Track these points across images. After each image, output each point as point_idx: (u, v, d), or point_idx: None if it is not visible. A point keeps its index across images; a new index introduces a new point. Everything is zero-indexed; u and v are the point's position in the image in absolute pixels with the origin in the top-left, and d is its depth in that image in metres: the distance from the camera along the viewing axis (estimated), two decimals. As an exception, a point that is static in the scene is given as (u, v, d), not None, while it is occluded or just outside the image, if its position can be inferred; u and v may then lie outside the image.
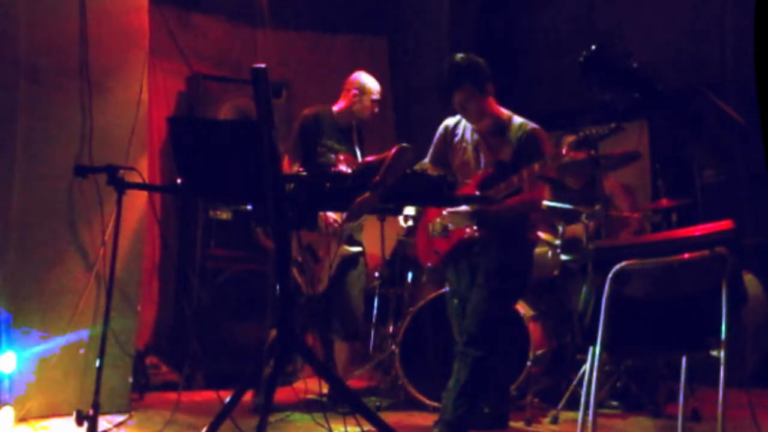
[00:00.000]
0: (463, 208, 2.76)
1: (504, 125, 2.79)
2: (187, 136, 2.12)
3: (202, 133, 2.16)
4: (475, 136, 2.83)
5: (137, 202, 3.23)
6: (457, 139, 2.87)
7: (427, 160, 2.95)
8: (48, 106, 3.07)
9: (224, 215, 4.23)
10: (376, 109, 3.47)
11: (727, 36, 4.28)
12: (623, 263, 2.01)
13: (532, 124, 2.78)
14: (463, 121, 2.88)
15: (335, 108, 3.48)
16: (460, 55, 2.78)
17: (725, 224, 2.02)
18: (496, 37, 5.09)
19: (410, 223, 3.11)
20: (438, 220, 2.83)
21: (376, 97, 3.44)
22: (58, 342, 2.98)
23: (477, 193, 2.73)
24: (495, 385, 2.90)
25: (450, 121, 2.93)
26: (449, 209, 2.81)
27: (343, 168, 3.24)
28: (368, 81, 3.45)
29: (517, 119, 2.80)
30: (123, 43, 3.30)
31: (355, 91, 3.42)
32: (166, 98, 4.51)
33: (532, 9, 5.30)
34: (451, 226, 2.81)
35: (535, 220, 2.93)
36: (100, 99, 3.17)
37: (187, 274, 4.27)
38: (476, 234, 2.74)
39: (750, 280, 3.50)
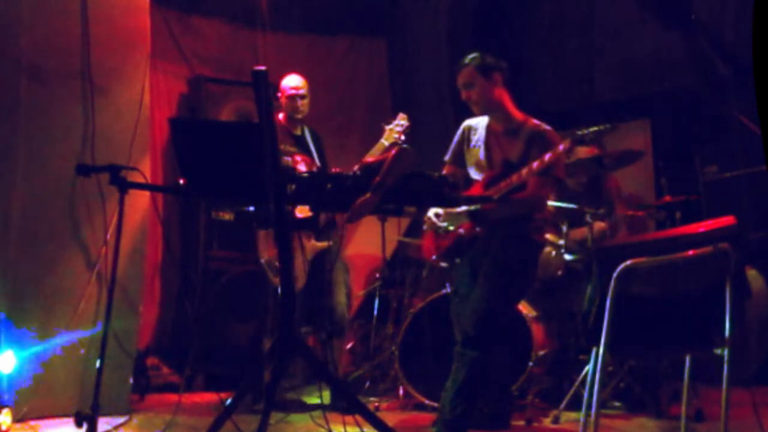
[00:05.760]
0: (462, 207, 2.75)
1: (518, 125, 2.79)
2: (188, 137, 2.12)
3: (204, 135, 2.16)
4: (489, 136, 2.83)
5: (139, 202, 3.23)
6: (474, 138, 2.88)
7: (446, 158, 2.95)
8: (50, 106, 3.07)
9: (226, 216, 4.23)
10: (299, 103, 3.49)
11: (726, 33, 4.28)
12: (628, 262, 2.00)
13: (546, 126, 2.78)
14: (482, 122, 2.88)
15: (280, 116, 3.55)
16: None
17: (727, 220, 2.01)
18: (495, 38, 5.09)
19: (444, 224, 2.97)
20: (436, 220, 2.83)
21: (291, 92, 3.48)
22: (58, 342, 2.97)
23: (484, 192, 2.72)
24: (496, 385, 2.89)
25: (470, 122, 2.93)
26: (447, 209, 2.80)
27: (302, 167, 3.30)
28: (284, 82, 3.52)
29: (532, 121, 2.80)
30: (124, 45, 3.31)
31: (279, 95, 3.51)
32: (167, 100, 4.52)
33: (531, 9, 5.30)
34: (448, 226, 2.80)
35: (541, 221, 2.88)
36: (102, 99, 3.18)
37: (189, 275, 4.27)
38: (476, 231, 2.73)
39: (753, 275, 3.48)
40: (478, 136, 2.86)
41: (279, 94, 3.50)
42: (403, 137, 3.31)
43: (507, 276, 2.70)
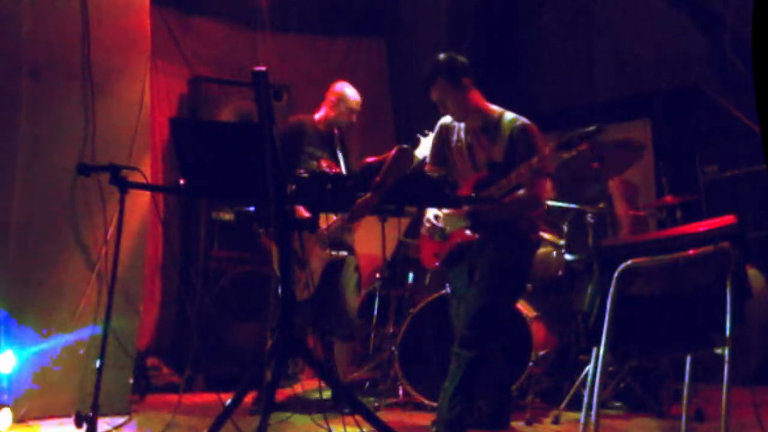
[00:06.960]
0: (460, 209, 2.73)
1: (495, 122, 2.75)
2: (188, 137, 2.12)
3: (204, 135, 2.16)
4: (468, 136, 2.80)
5: (140, 202, 3.23)
6: (453, 138, 2.85)
7: (427, 159, 2.93)
8: (50, 105, 3.07)
9: (227, 216, 4.23)
10: (354, 119, 3.50)
11: (726, 32, 4.28)
12: (629, 262, 1.99)
13: (523, 119, 2.73)
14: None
15: (317, 116, 3.53)
16: (438, 55, 2.77)
17: (728, 219, 2.01)
18: (495, 38, 5.09)
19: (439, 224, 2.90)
20: (435, 222, 2.81)
21: (354, 107, 3.48)
22: (58, 342, 2.97)
23: (473, 194, 2.70)
24: (495, 385, 2.88)
25: (446, 120, 2.89)
26: (445, 211, 2.78)
27: None
28: (348, 91, 3.50)
29: (509, 115, 2.76)
30: (125, 45, 3.31)
31: (334, 99, 3.48)
32: (168, 100, 4.53)
33: (531, 8, 5.30)
34: (447, 228, 2.79)
35: (536, 219, 2.88)
36: (103, 100, 3.18)
37: (190, 275, 4.27)
38: (473, 237, 2.70)
39: (754, 275, 3.48)
40: (457, 136, 2.83)
41: (333, 98, 3.46)
42: None
43: (502, 276, 2.68)
